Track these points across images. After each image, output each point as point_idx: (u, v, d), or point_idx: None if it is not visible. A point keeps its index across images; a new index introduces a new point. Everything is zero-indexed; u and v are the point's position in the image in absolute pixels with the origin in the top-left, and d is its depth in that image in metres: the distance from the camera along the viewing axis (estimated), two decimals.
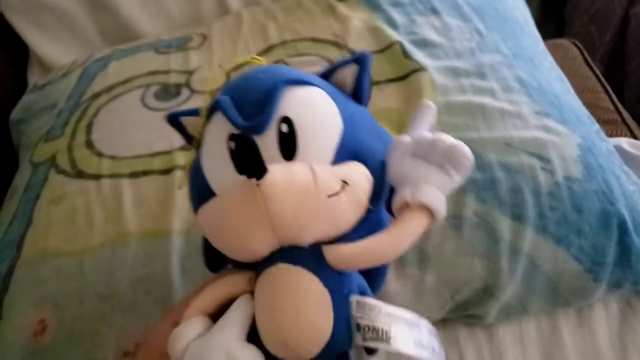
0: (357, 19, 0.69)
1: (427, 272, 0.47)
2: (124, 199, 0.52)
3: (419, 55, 0.60)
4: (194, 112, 0.36)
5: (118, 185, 0.54)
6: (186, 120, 0.36)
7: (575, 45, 0.84)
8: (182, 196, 0.52)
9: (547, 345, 0.50)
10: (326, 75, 0.35)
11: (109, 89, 0.66)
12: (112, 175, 0.55)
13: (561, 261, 0.47)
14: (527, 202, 0.47)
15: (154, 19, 0.83)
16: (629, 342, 0.50)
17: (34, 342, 0.46)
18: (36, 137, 0.65)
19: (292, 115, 0.30)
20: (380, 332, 0.28)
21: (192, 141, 0.36)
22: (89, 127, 0.61)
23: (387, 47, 0.63)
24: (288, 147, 0.30)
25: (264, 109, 0.30)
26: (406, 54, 0.61)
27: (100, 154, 0.58)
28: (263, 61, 0.36)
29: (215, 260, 0.36)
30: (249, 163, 0.28)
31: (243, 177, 0.28)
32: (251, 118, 0.30)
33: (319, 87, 0.33)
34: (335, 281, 0.30)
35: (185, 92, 0.64)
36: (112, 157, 0.57)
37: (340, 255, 0.30)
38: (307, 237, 0.30)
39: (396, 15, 0.68)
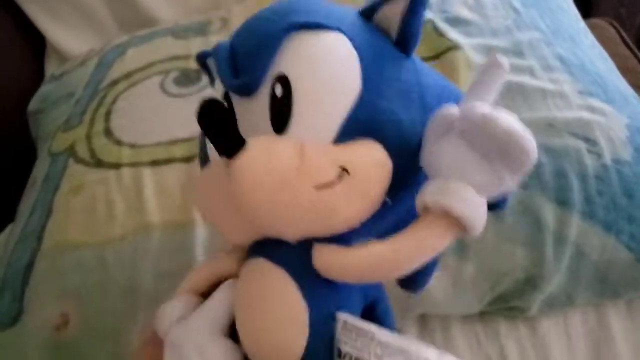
0: None
1: (465, 262, 0.44)
2: (146, 189, 0.50)
3: (453, 33, 0.57)
4: None
5: (139, 174, 0.52)
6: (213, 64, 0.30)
7: (612, 24, 0.80)
8: None
9: (595, 338, 0.47)
10: (368, 13, 0.26)
11: (127, 75, 0.64)
12: (133, 164, 0.53)
13: (610, 249, 0.44)
14: (572, 186, 0.45)
15: (171, 5, 0.81)
16: None
17: (57, 336, 0.44)
18: (54, 127, 0.63)
19: (291, 74, 0.24)
20: None
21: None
22: (108, 115, 0.59)
23: None
24: (280, 115, 0.23)
25: (255, 64, 0.24)
26: (439, 32, 0.58)
27: (119, 142, 0.56)
28: None
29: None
30: (221, 136, 0.22)
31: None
32: (243, 74, 0.24)
33: (343, 32, 0.25)
34: (321, 293, 0.24)
35: (206, 77, 0.62)
36: (132, 145, 0.55)
37: (327, 263, 0.24)
38: (289, 233, 0.24)
39: None
